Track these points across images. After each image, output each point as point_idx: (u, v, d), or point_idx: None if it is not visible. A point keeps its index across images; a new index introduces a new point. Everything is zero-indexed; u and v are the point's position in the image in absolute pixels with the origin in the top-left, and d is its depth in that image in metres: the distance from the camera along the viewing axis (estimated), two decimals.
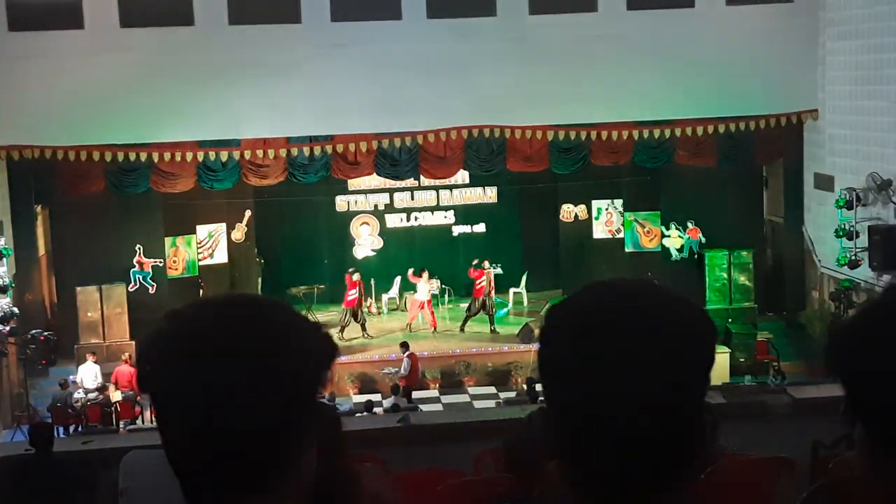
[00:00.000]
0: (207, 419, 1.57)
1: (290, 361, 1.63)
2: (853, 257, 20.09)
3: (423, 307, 23.74)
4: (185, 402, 1.59)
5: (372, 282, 25.10)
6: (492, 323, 23.48)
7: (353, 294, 23.27)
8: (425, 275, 23.85)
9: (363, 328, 23.30)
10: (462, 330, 23.47)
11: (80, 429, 17.95)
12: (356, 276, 23.46)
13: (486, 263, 23.60)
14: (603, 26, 21.71)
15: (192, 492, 1.64)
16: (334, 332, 22.35)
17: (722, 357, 20.91)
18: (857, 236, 20.11)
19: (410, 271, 24.07)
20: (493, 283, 23.64)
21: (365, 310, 23.94)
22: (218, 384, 1.57)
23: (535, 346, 21.34)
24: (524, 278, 25.14)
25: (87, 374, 19.72)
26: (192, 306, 1.70)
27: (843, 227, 20.31)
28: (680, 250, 24.11)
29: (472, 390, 21.39)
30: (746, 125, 22.25)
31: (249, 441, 1.59)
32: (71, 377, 19.55)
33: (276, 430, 1.61)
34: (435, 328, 23.55)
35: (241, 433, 1.58)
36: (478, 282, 23.48)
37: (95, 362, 19.90)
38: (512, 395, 19.81)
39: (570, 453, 1.62)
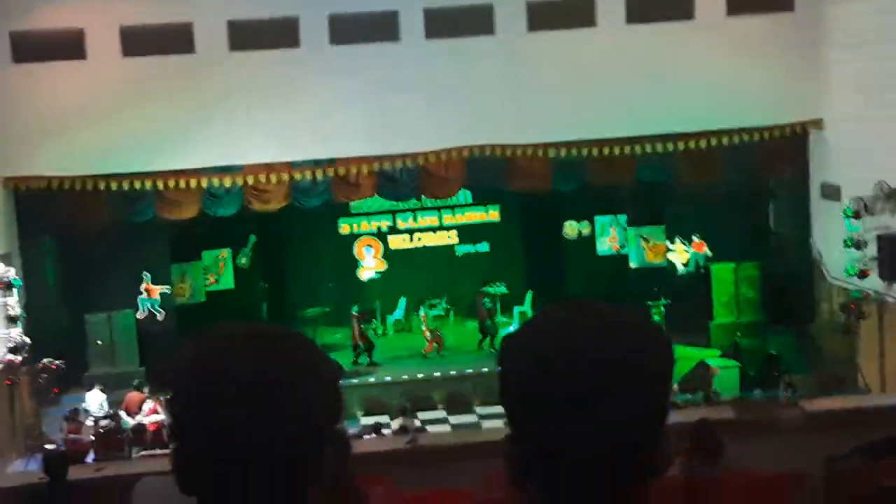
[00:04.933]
0: (233, 445, 1.60)
1: (313, 389, 1.66)
2: (862, 267, 19.94)
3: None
4: (213, 428, 1.61)
5: (377, 304, 25.11)
6: (484, 343, 24.08)
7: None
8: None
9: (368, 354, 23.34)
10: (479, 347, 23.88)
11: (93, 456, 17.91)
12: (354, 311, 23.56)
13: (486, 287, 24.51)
14: (602, 41, 21.70)
15: None
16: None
17: (731, 372, 20.80)
18: (866, 246, 19.90)
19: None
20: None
21: (371, 334, 23.92)
22: (244, 412, 1.60)
23: None
24: (529, 297, 25.07)
25: (94, 402, 19.76)
26: (216, 336, 1.71)
27: (851, 237, 20.14)
28: (686, 265, 23.98)
29: (480, 410, 21.32)
30: (750, 137, 22.00)
31: (272, 466, 1.62)
32: (82, 405, 19.60)
33: (300, 455, 1.64)
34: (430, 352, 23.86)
35: (264, 459, 1.61)
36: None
37: (102, 391, 19.93)
38: None
39: (533, 479, 1.65)
